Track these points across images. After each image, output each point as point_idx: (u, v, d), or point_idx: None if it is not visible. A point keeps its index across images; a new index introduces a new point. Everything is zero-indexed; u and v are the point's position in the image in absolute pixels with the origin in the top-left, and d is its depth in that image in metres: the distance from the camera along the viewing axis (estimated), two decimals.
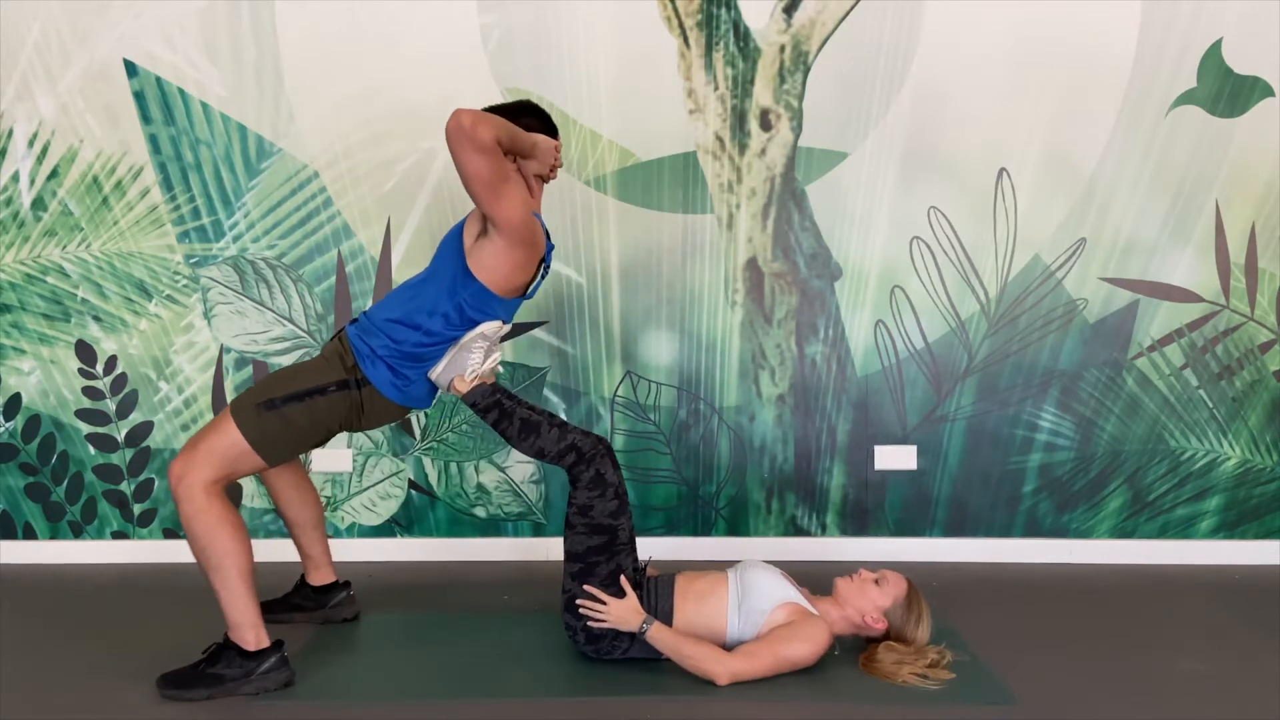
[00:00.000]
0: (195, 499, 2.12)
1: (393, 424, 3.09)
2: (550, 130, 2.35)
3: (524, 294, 2.37)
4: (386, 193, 3.08)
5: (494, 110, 2.22)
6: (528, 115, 2.30)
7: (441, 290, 2.26)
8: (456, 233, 2.31)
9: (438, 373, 2.32)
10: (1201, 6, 2.97)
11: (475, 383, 2.33)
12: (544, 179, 2.37)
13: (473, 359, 2.31)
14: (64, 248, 3.09)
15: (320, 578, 2.64)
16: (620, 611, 2.25)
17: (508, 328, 2.40)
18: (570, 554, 2.30)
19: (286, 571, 2.69)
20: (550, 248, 2.39)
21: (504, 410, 2.33)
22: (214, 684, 2.14)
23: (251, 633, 2.16)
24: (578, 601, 2.28)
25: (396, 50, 3.02)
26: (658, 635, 2.23)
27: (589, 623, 2.27)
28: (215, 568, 2.13)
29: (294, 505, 2.57)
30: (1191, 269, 3.09)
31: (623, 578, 2.27)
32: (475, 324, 2.29)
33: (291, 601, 2.63)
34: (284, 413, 2.20)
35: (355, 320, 2.37)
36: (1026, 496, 3.19)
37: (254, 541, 2.22)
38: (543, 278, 2.39)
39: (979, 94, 3.03)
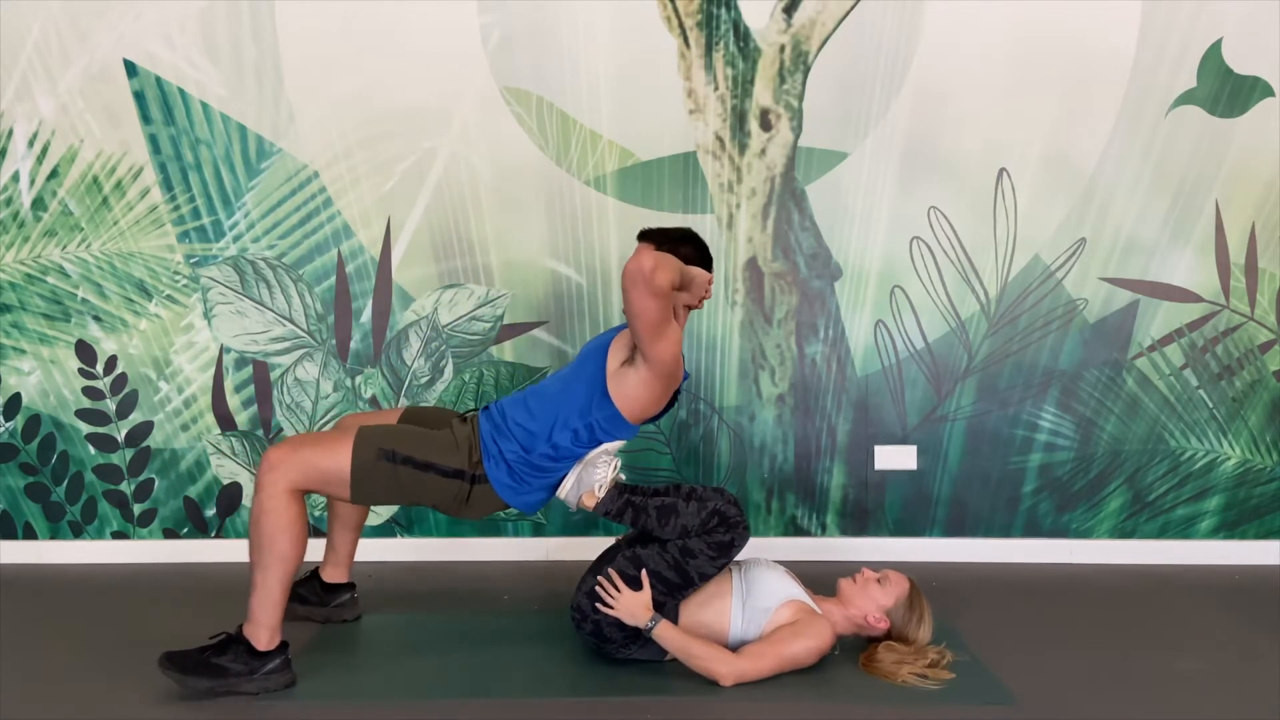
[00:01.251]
0: (277, 495, 2.14)
1: None
2: (705, 261, 2.39)
3: (653, 420, 2.40)
4: (386, 193, 3.08)
5: (653, 234, 2.33)
6: (687, 245, 2.35)
7: (574, 406, 2.29)
8: (600, 349, 2.33)
9: (565, 491, 2.33)
10: (1201, 6, 2.98)
11: (601, 494, 2.33)
12: (690, 308, 2.39)
13: (598, 474, 2.32)
14: (64, 248, 3.09)
15: (335, 575, 2.66)
16: (631, 604, 2.24)
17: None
18: (636, 559, 2.28)
19: None
20: (686, 377, 2.41)
21: (636, 507, 2.31)
22: (217, 675, 2.13)
23: (266, 634, 2.17)
24: (598, 578, 2.28)
25: (396, 50, 3.02)
26: (664, 633, 2.23)
27: (599, 604, 2.27)
28: (264, 565, 2.15)
29: (349, 504, 2.59)
30: (1191, 269, 3.10)
31: (644, 573, 2.27)
32: (600, 443, 2.32)
33: (297, 592, 2.63)
34: (398, 470, 2.23)
35: (486, 408, 2.38)
36: (1026, 496, 3.19)
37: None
38: (670, 405, 2.40)
39: (979, 94, 3.03)
